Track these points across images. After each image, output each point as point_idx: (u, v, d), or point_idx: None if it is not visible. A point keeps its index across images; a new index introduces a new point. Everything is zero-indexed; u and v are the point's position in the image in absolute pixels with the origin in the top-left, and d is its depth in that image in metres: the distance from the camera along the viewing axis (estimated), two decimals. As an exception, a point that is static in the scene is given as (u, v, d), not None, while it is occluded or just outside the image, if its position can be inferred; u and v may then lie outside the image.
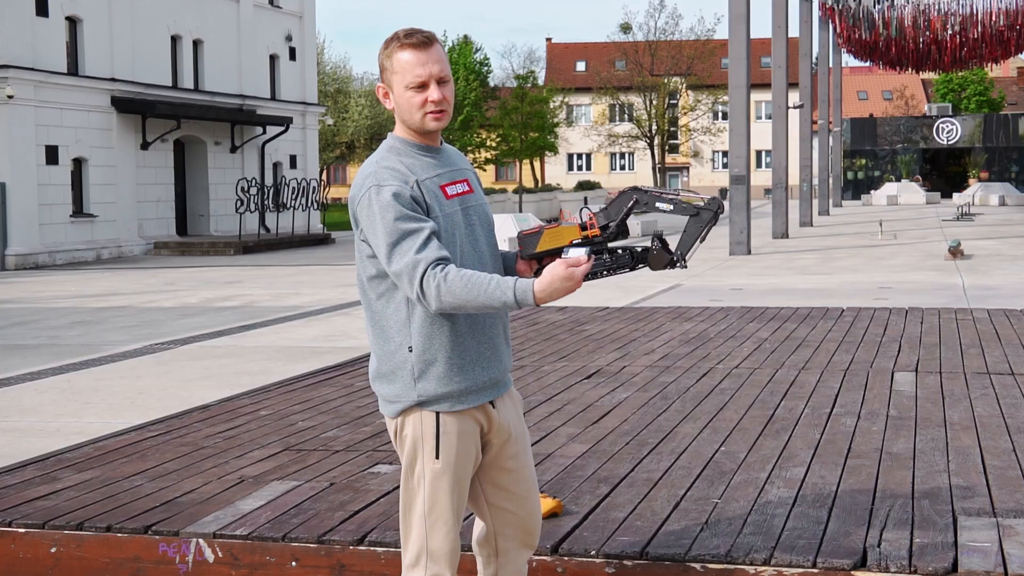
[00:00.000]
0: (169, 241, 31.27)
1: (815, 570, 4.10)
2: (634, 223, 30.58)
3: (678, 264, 3.24)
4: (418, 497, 3.32)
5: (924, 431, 6.22)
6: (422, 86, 3.22)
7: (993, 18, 33.79)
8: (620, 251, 3.24)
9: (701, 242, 3.27)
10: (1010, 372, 8.08)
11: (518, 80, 65.74)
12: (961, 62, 37.94)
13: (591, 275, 3.26)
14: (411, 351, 3.25)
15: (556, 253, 3.27)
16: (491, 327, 3.34)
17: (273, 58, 37.58)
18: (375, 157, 3.30)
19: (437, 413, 3.28)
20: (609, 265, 3.21)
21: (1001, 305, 12.96)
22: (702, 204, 3.21)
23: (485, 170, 69.75)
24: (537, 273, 3.32)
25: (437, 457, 3.27)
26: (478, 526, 3.55)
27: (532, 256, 3.30)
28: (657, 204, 3.24)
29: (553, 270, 3.09)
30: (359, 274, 3.34)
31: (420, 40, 3.23)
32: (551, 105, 64.09)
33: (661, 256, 3.23)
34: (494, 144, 61.92)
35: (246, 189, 31.73)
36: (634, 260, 3.26)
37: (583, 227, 3.23)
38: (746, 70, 23.87)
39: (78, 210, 28.98)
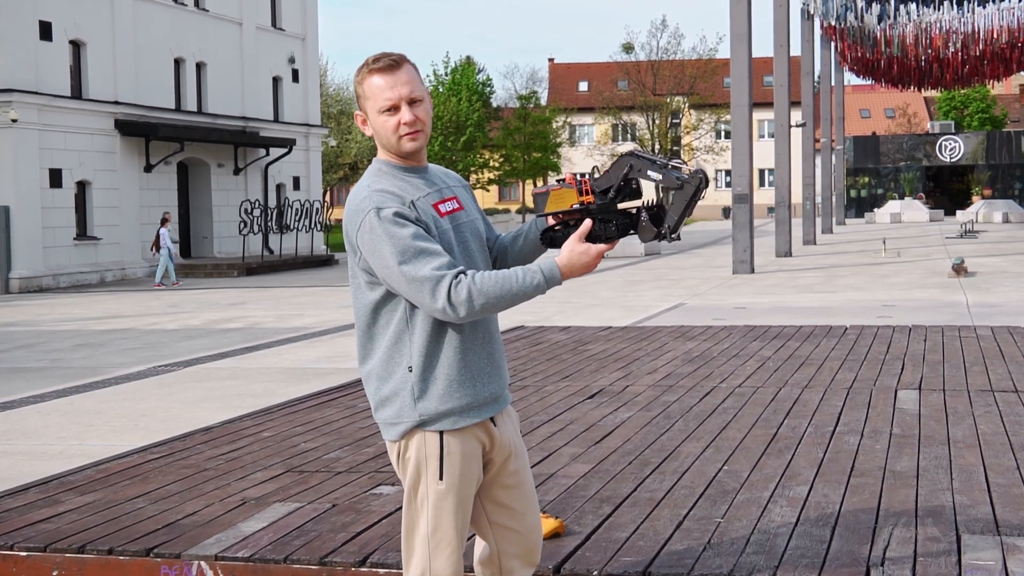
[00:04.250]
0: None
1: (818, 589, 4.09)
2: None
3: (668, 237, 3.31)
4: (421, 519, 3.30)
5: (927, 449, 6.20)
6: (393, 109, 3.24)
7: (995, 35, 33.82)
8: (612, 215, 3.34)
9: (688, 215, 3.31)
10: (1014, 390, 8.06)
11: (521, 100, 66.00)
12: (963, 80, 38.00)
13: (593, 238, 3.37)
14: (411, 371, 3.25)
15: (558, 214, 3.38)
16: (489, 342, 3.35)
17: (276, 80, 37.71)
18: (365, 182, 3.30)
19: (440, 433, 3.27)
20: (603, 225, 3.32)
21: (1005, 322, 12.95)
22: (686, 177, 3.23)
23: (488, 190, 69.87)
24: (545, 233, 3.40)
25: (441, 478, 3.26)
26: (479, 546, 3.53)
27: (542, 215, 3.42)
28: (648, 172, 3.30)
29: (571, 246, 3.22)
30: (355, 301, 3.34)
31: (387, 64, 3.24)
32: (554, 125, 64.28)
33: (649, 228, 3.31)
34: (497, 164, 62.09)
35: (249, 211, 31.82)
36: (620, 228, 3.33)
37: (580, 192, 3.32)
38: (748, 89, 23.92)
39: (82, 233, 29.05)
